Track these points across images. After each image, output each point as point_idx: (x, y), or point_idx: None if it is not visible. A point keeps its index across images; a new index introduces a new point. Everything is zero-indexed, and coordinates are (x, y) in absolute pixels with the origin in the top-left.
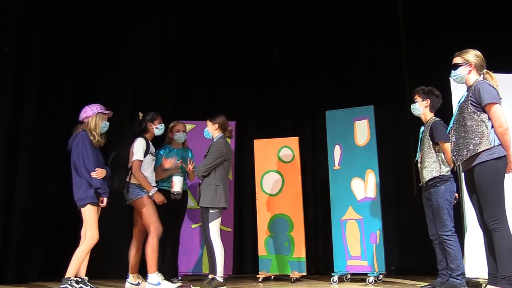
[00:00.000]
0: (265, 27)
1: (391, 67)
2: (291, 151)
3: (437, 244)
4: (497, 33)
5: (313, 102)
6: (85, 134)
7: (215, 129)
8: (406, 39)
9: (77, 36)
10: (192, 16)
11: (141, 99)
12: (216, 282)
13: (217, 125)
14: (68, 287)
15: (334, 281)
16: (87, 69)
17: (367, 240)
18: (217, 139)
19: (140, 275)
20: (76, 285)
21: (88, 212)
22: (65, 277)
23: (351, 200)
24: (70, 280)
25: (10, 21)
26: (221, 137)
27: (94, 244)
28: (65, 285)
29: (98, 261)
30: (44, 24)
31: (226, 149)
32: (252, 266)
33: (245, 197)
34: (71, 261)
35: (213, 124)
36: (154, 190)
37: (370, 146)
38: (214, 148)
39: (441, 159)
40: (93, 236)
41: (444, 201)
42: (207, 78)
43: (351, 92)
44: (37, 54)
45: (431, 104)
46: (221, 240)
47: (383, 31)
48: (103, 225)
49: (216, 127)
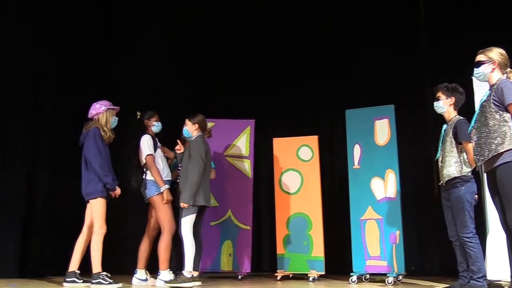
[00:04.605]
0: (284, 26)
1: (411, 65)
2: (310, 150)
3: (457, 246)
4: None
5: (333, 100)
6: (97, 130)
7: (194, 128)
8: (426, 35)
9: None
10: (212, 15)
11: (158, 97)
12: (182, 277)
13: (197, 125)
14: (101, 281)
15: (353, 281)
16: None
17: (386, 240)
18: (196, 138)
19: (147, 271)
20: (108, 279)
21: (98, 205)
22: (95, 273)
23: (370, 199)
24: (101, 274)
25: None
26: (200, 136)
27: (104, 234)
28: (98, 280)
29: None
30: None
31: (204, 144)
32: (270, 264)
33: (263, 195)
34: (92, 257)
35: (192, 124)
36: (165, 187)
37: (390, 145)
38: (193, 148)
39: (463, 159)
40: (101, 227)
41: (465, 202)
42: (226, 76)
43: (371, 90)
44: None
45: (455, 102)
46: (195, 238)
47: (403, 28)
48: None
49: (196, 127)
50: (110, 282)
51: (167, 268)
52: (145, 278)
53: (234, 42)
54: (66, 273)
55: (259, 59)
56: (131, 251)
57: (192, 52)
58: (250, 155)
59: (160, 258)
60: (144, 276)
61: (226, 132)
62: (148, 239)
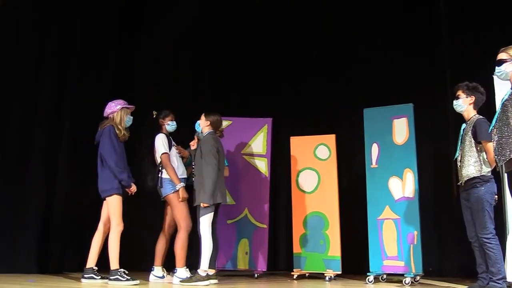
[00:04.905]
0: (302, 25)
1: (430, 63)
2: (327, 148)
3: (477, 247)
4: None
5: (350, 99)
6: (111, 128)
7: (206, 125)
8: (446, 33)
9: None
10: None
11: (177, 96)
12: (197, 276)
13: (209, 122)
14: (119, 277)
15: (370, 281)
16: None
17: (404, 240)
18: (206, 135)
19: (164, 269)
20: (125, 276)
21: (114, 202)
22: (112, 270)
23: (388, 199)
24: (118, 271)
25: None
26: (210, 133)
27: (121, 231)
28: (116, 277)
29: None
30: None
31: (215, 141)
32: (286, 263)
33: (280, 194)
34: (109, 254)
35: (206, 119)
36: (181, 185)
37: (408, 144)
38: (204, 145)
39: (482, 159)
40: (119, 223)
41: (485, 203)
42: (244, 74)
43: (389, 89)
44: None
45: (475, 101)
46: (211, 236)
47: (423, 26)
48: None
49: (208, 124)
50: (128, 278)
51: (183, 265)
52: (162, 275)
53: (254, 41)
54: (84, 269)
55: (277, 58)
56: (149, 248)
57: (210, 51)
58: (267, 153)
59: (177, 256)
60: (161, 273)
61: (243, 130)
62: (164, 236)
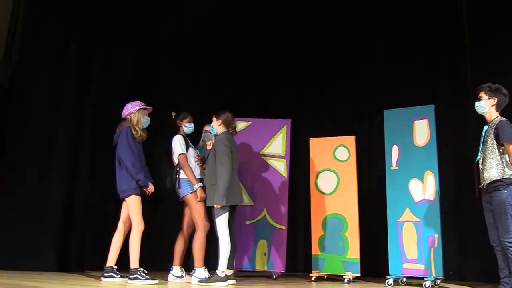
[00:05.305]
0: (322, 26)
1: (452, 65)
2: (347, 150)
3: (499, 251)
4: None
5: (371, 100)
6: (128, 129)
7: (218, 124)
8: (469, 34)
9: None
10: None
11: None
12: (216, 277)
13: (221, 121)
14: (138, 277)
15: (389, 284)
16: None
17: (424, 243)
18: (220, 135)
19: (183, 268)
20: (145, 275)
21: (133, 202)
22: (132, 269)
23: (408, 201)
24: (138, 270)
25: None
26: (224, 133)
27: (142, 231)
28: (135, 276)
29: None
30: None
31: (228, 141)
32: (304, 265)
33: (299, 195)
34: (130, 253)
35: (217, 120)
36: (199, 185)
37: (429, 146)
38: (217, 145)
39: (505, 161)
40: (139, 223)
41: (507, 206)
42: (263, 76)
43: (410, 90)
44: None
45: (497, 103)
46: (229, 236)
47: (445, 27)
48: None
49: (220, 123)
50: (147, 278)
51: (202, 265)
52: (180, 275)
53: (274, 42)
54: (104, 268)
55: (297, 58)
56: (168, 248)
57: (230, 52)
58: (286, 154)
59: (195, 256)
60: (179, 273)
61: (262, 131)
62: (183, 236)
